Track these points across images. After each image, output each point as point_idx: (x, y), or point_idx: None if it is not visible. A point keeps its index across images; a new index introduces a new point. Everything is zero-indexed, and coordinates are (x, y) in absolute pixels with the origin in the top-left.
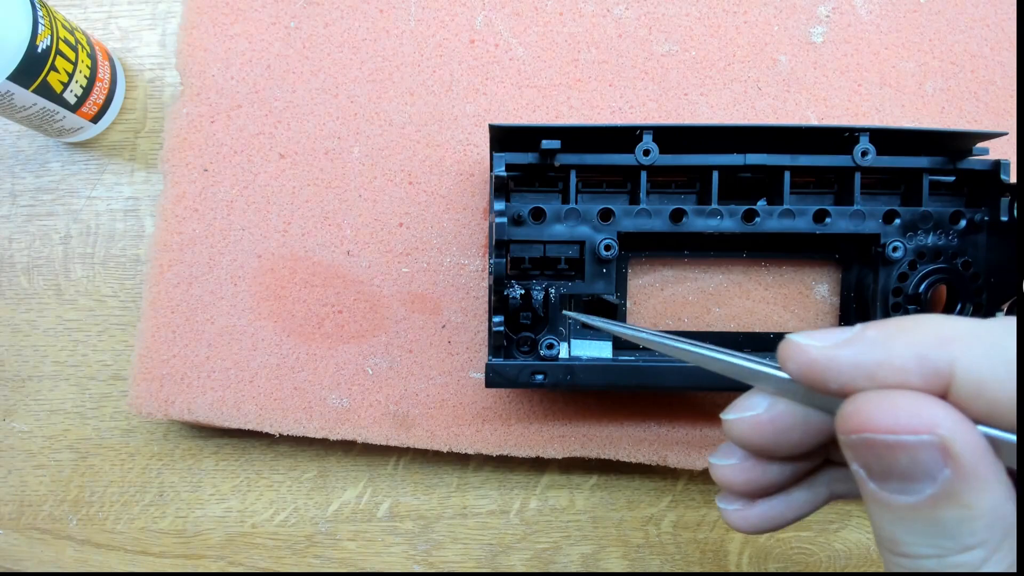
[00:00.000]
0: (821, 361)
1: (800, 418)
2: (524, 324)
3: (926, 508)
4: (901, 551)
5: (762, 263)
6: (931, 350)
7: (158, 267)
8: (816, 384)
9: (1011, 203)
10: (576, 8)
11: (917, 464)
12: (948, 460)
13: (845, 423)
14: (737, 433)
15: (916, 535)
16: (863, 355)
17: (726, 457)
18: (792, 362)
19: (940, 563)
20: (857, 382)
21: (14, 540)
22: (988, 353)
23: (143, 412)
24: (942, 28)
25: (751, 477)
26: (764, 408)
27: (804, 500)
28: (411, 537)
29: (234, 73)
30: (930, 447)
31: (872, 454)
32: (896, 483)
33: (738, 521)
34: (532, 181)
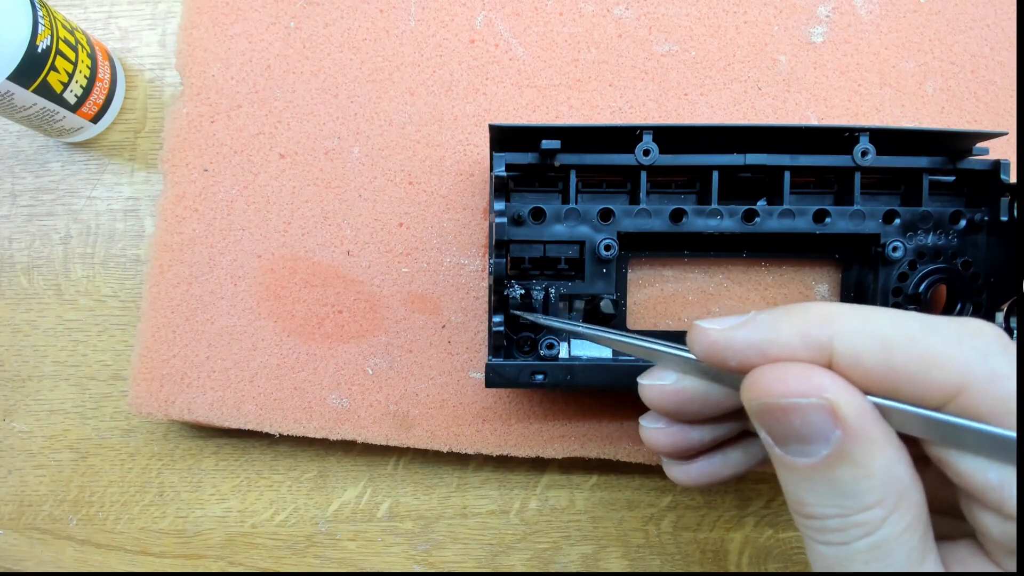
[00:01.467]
0: (720, 342)
1: (701, 391)
2: (524, 324)
3: (823, 468)
4: (808, 512)
5: (762, 263)
6: (813, 328)
7: (158, 267)
8: (717, 361)
9: (1011, 203)
10: (576, 8)
11: (810, 426)
12: (837, 421)
13: (746, 392)
14: (650, 397)
15: (819, 495)
16: (754, 335)
17: (653, 421)
18: (697, 344)
19: (843, 521)
20: (751, 359)
21: (14, 540)
22: (862, 328)
23: (143, 412)
24: (942, 28)
25: (674, 440)
26: (672, 380)
27: (739, 460)
28: (411, 537)
29: (234, 73)
30: (819, 409)
31: (772, 419)
32: (795, 445)
33: (679, 475)
34: (532, 181)
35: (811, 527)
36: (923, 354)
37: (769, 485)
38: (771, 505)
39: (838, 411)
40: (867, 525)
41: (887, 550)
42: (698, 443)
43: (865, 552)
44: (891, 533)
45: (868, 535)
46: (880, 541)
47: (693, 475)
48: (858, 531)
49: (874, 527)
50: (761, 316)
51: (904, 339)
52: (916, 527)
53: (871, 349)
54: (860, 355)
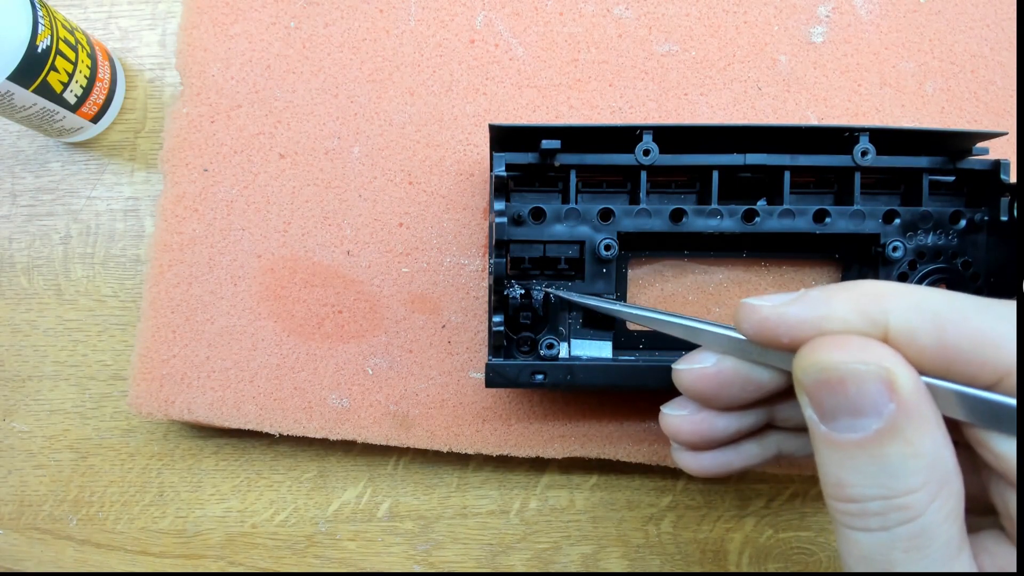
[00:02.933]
0: (772, 319)
1: (741, 374)
2: (524, 324)
3: (872, 444)
4: (848, 494)
5: (762, 263)
6: (868, 303)
7: (158, 267)
8: (769, 339)
9: (1011, 203)
10: (576, 8)
11: (866, 395)
12: (892, 394)
13: (802, 361)
14: (686, 382)
15: (862, 475)
16: (808, 311)
17: (677, 408)
18: (747, 322)
19: (885, 504)
20: (804, 334)
21: (14, 540)
22: (918, 306)
23: (143, 412)
24: (942, 28)
25: (698, 428)
26: (712, 363)
27: (753, 452)
28: (411, 537)
29: (234, 73)
30: (876, 379)
31: (826, 388)
32: (845, 419)
33: (691, 463)
34: (532, 181)
35: (849, 512)
36: (976, 333)
37: (769, 485)
38: (771, 505)
39: (895, 382)
40: (910, 510)
41: (928, 538)
42: (722, 433)
43: (905, 539)
44: (933, 520)
45: (910, 521)
46: (922, 528)
47: (705, 464)
48: (900, 515)
49: (917, 512)
50: (813, 292)
51: (958, 317)
52: (956, 516)
53: (925, 326)
54: (914, 332)
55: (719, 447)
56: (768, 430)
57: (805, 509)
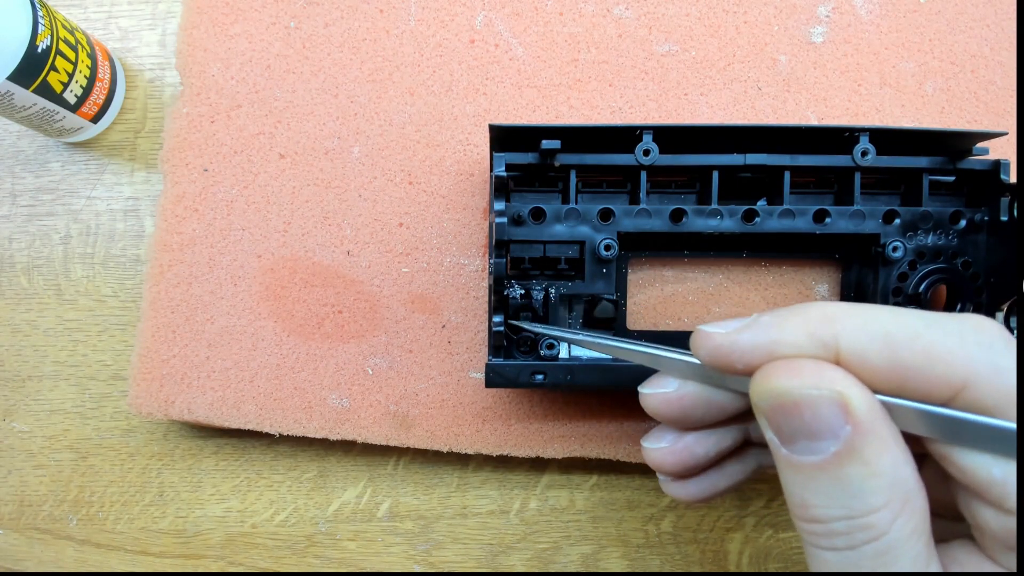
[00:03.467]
0: (725, 345)
1: (703, 398)
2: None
3: (831, 466)
4: (812, 515)
5: (762, 263)
6: (818, 327)
7: (158, 267)
8: (723, 365)
9: (1011, 203)
10: (576, 8)
11: (820, 419)
12: (847, 416)
13: (757, 387)
14: (652, 406)
15: (824, 496)
16: (760, 336)
17: (657, 441)
18: (702, 348)
19: (849, 524)
20: (758, 360)
21: (14, 540)
22: (868, 327)
23: (143, 412)
24: (942, 28)
25: (679, 458)
26: (674, 388)
27: (736, 471)
28: (411, 537)
29: (234, 73)
30: (830, 402)
31: (782, 413)
32: (803, 442)
33: (679, 492)
34: (532, 181)
35: (815, 532)
36: (927, 350)
37: (769, 485)
38: (771, 505)
39: (849, 405)
40: (874, 528)
41: (894, 555)
42: (703, 459)
43: (871, 557)
44: (898, 537)
45: (875, 539)
46: (887, 546)
47: (692, 491)
48: (864, 535)
49: (881, 531)
50: (764, 318)
51: (908, 335)
52: (921, 532)
53: (876, 346)
54: (865, 352)
55: (702, 472)
56: (747, 447)
57: None
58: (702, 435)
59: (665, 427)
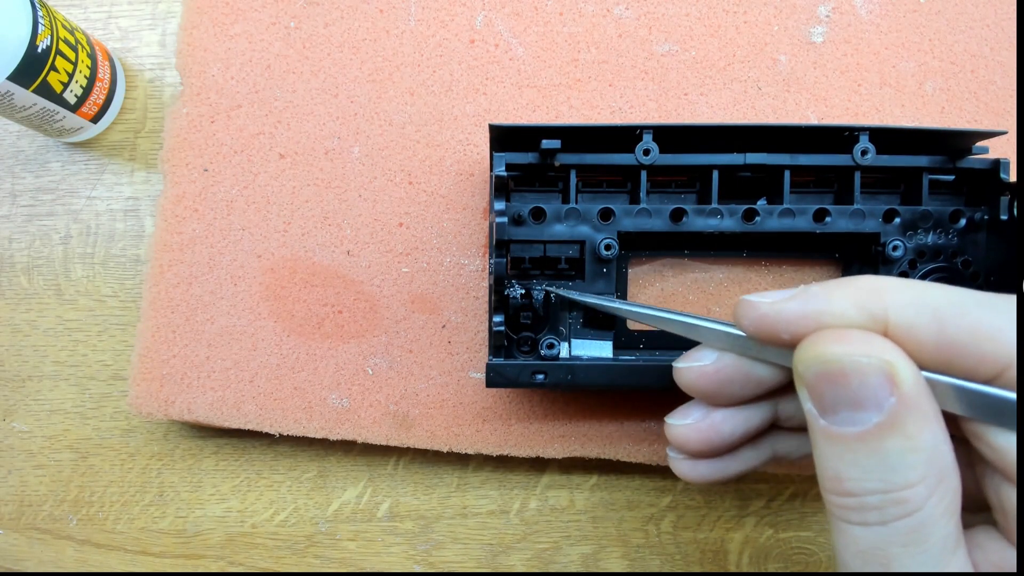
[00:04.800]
0: (771, 315)
1: (742, 371)
2: (524, 324)
3: (872, 438)
4: (846, 488)
5: (762, 262)
6: (868, 299)
7: (158, 267)
8: (768, 335)
9: (1011, 202)
10: (576, 8)
11: (867, 388)
12: (893, 388)
13: (802, 354)
14: (686, 380)
15: (861, 468)
16: (808, 306)
17: (682, 417)
18: (746, 318)
19: (884, 498)
20: (804, 329)
21: (14, 540)
22: (917, 301)
23: (143, 412)
24: (942, 28)
25: (704, 436)
26: (712, 360)
27: (750, 457)
28: (411, 537)
29: (234, 73)
30: (878, 372)
31: (827, 381)
32: (845, 412)
33: (688, 471)
34: (532, 181)
35: (847, 506)
36: (975, 327)
37: (769, 485)
38: (771, 505)
39: (896, 376)
40: (908, 503)
41: (925, 533)
42: (728, 438)
43: (903, 534)
44: (931, 515)
45: (908, 515)
46: (920, 523)
47: (702, 471)
48: (898, 509)
49: (915, 507)
50: (813, 288)
51: (957, 311)
52: (953, 512)
53: (924, 321)
54: (914, 326)
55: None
56: (764, 434)
57: (805, 509)
58: (731, 413)
59: (693, 404)
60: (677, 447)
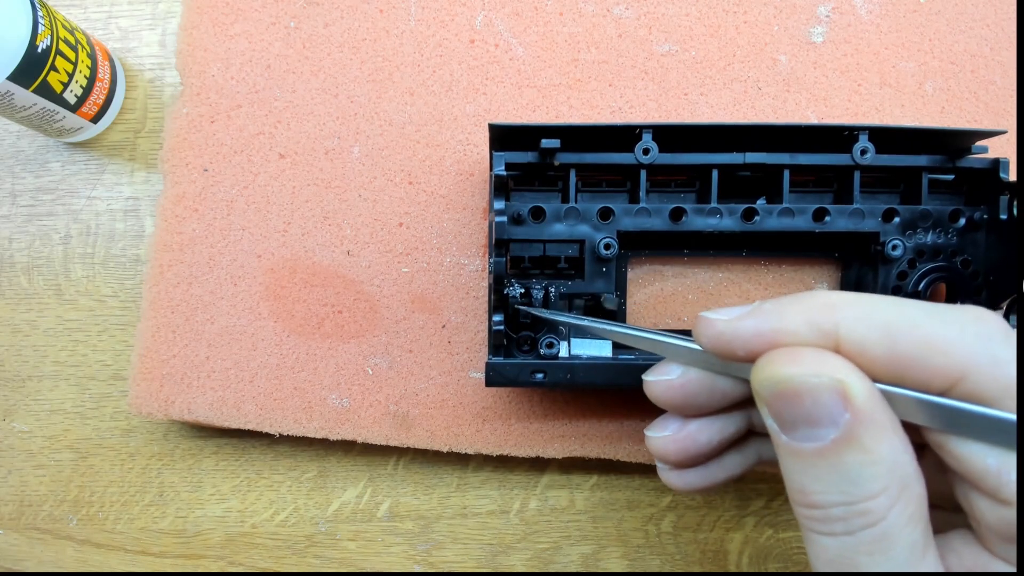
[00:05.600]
0: (727, 332)
1: (706, 384)
2: (524, 323)
3: (831, 453)
4: (811, 500)
5: (762, 262)
6: (818, 315)
7: (158, 267)
8: (725, 352)
9: (1010, 201)
10: (576, 8)
11: (820, 407)
12: (847, 404)
13: (758, 374)
14: (655, 393)
15: (823, 482)
16: (761, 324)
17: (660, 430)
18: (704, 336)
19: (847, 510)
20: (759, 347)
21: (14, 540)
22: (868, 316)
23: (143, 412)
24: (942, 28)
25: (682, 446)
26: (677, 375)
27: (735, 462)
28: (411, 537)
29: (234, 73)
30: (830, 390)
31: (782, 400)
32: (803, 429)
33: (675, 480)
34: (532, 180)
35: (813, 517)
36: (926, 340)
37: (769, 485)
38: (771, 505)
39: (848, 392)
40: (871, 514)
41: (890, 541)
42: (706, 447)
43: (869, 543)
44: (895, 524)
45: (872, 525)
46: (884, 532)
47: (690, 480)
48: (862, 520)
49: (878, 516)
50: (767, 305)
51: (907, 325)
52: (918, 519)
53: (875, 336)
54: (865, 341)
55: (703, 462)
56: (748, 438)
57: None
58: (705, 423)
59: (669, 416)
60: (659, 458)
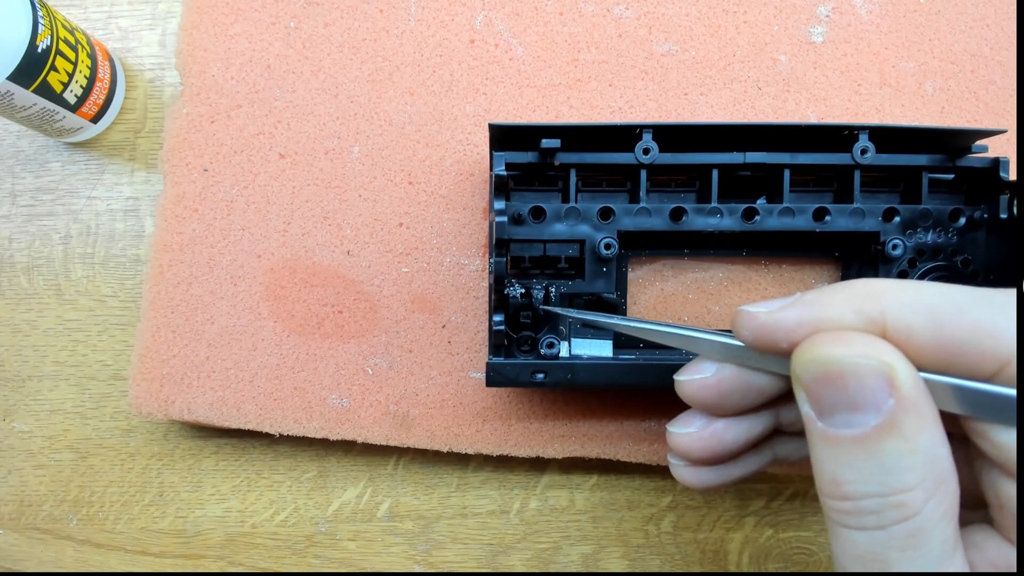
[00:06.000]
0: (769, 324)
1: (742, 381)
2: (524, 323)
3: (870, 440)
4: (844, 492)
5: (762, 261)
6: (865, 302)
7: (158, 267)
8: (767, 345)
9: (1010, 201)
10: (576, 8)
11: (865, 391)
12: (892, 390)
13: (800, 357)
14: (688, 392)
15: (858, 471)
16: (805, 313)
17: (684, 426)
18: (745, 328)
19: (882, 502)
20: (802, 338)
21: (14, 540)
22: (915, 302)
23: (143, 412)
24: (942, 28)
25: (707, 444)
26: (712, 372)
27: (752, 462)
28: (411, 537)
29: (234, 73)
30: (876, 374)
31: (824, 383)
32: (843, 414)
33: (690, 478)
34: (532, 180)
35: (844, 510)
36: (973, 325)
37: (769, 485)
38: (771, 505)
39: (895, 378)
40: (907, 507)
41: (924, 537)
42: (731, 446)
43: (902, 538)
44: (929, 519)
45: (907, 519)
46: (918, 527)
47: (705, 478)
48: (896, 513)
49: (914, 511)
50: (809, 295)
51: (955, 311)
52: (952, 516)
53: (922, 322)
54: (912, 328)
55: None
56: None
57: (805, 509)
58: (733, 422)
59: (694, 412)
60: (679, 455)
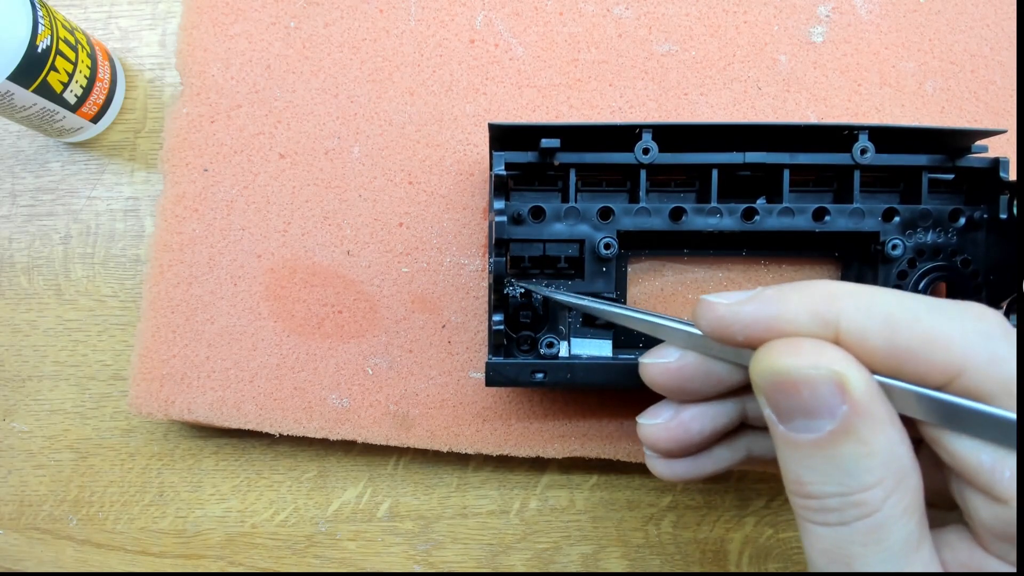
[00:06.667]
0: (727, 316)
1: (703, 368)
2: (524, 323)
3: (827, 444)
4: (807, 491)
5: (762, 261)
6: (820, 304)
7: (158, 267)
8: (724, 336)
9: (1010, 201)
10: (576, 8)
11: (818, 398)
12: (845, 396)
13: (756, 365)
14: (651, 376)
15: (819, 473)
16: (761, 310)
17: (653, 417)
18: (703, 319)
19: (842, 501)
20: (758, 333)
21: (14, 540)
22: (869, 307)
23: (143, 412)
24: (942, 28)
25: (674, 435)
26: (674, 358)
27: (725, 456)
28: (411, 537)
29: (234, 73)
30: (828, 382)
31: (780, 391)
32: (800, 420)
33: (663, 469)
34: (532, 180)
35: (809, 507)
36: (926, 334)
37: (769, 485)
38: (771, 505)
39: (846, 385)
40: (866, 505)
41: (885, 532)
42: (697, 436)
43: (863, 534)
44: (890, 515)
45: (867, 516)
46: (878, 523)
47: (678, 470)
48: (857, 511)
49: (873, 508)
50: (768, 291)
51: (909, 318)
52: (913, 511)
53: (876, 327)
54: (865, 333)
55: (693, 454)
56: (739, 432)
57: None
58: (698, 412)
59: (663, 404)
60: (648, 445)
